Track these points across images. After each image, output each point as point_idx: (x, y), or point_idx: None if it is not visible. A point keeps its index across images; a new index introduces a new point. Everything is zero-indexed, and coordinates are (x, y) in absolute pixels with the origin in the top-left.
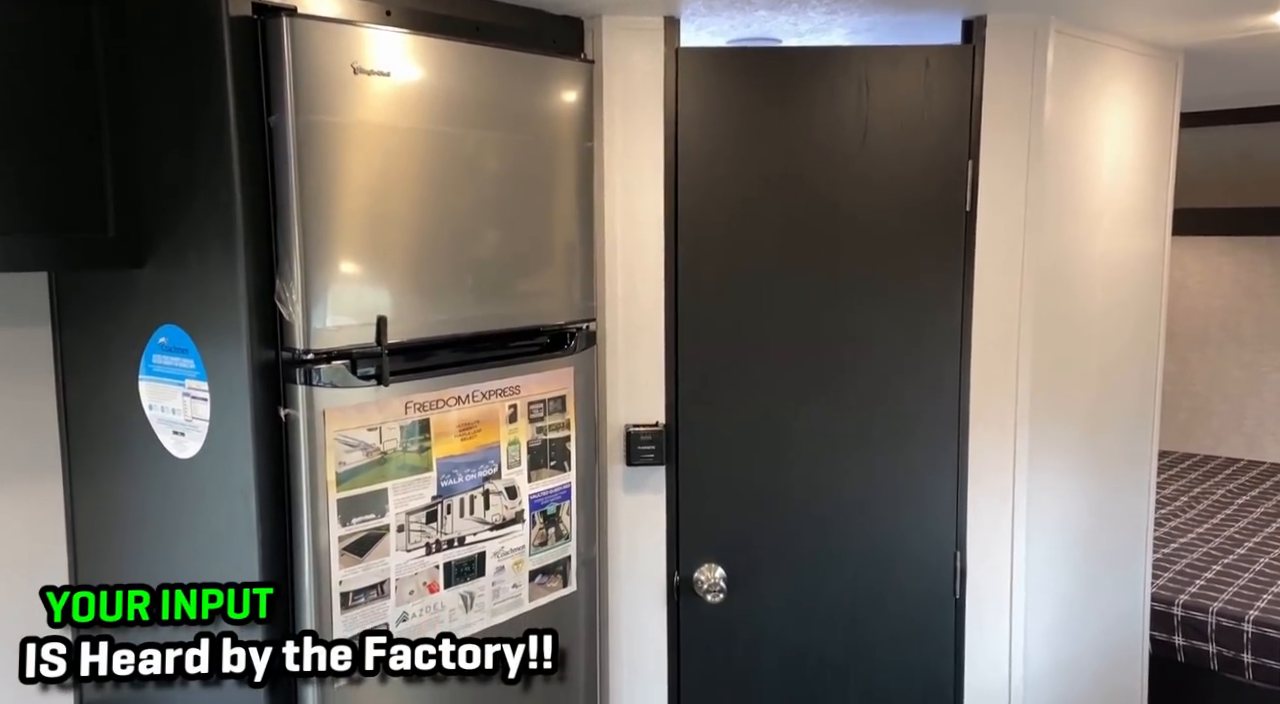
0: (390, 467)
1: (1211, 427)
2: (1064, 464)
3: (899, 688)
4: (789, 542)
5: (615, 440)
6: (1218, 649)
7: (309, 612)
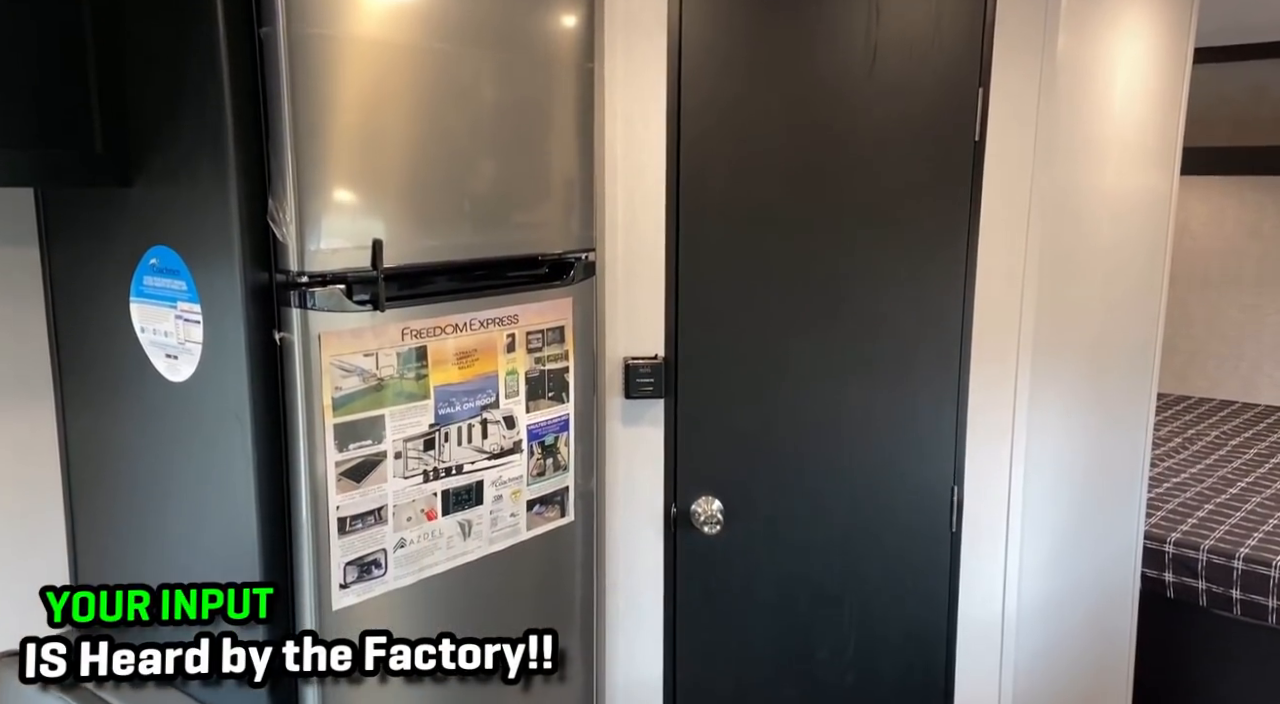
0: (387, 393)
1: (1208, 369)
2: (1064, 400)
3: (894, 619)
4: (787, 475)
5: (614, 372)
6: (1207, 586)
7: (306, 537)
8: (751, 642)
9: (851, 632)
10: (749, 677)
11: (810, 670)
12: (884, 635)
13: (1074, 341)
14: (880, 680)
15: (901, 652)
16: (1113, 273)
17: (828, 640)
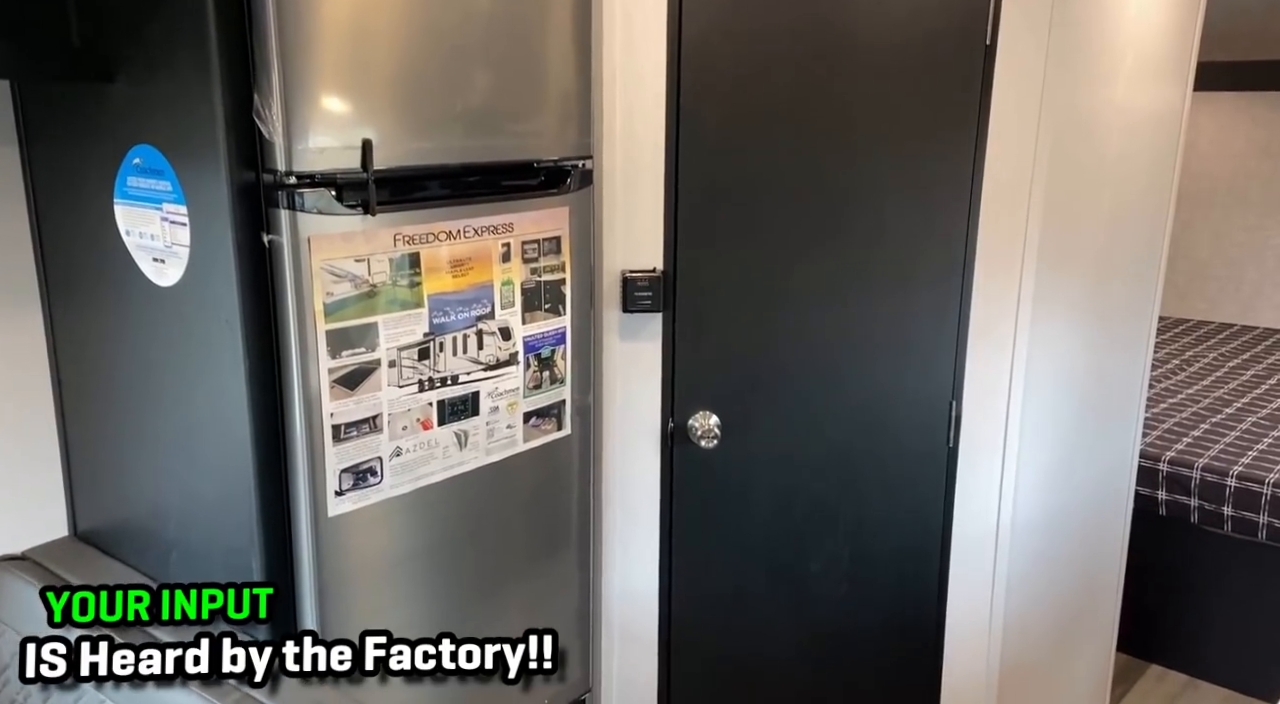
0: (380, 300)
1: (1208, 292)
2: (1066, 316)
3: (888, 532)
4: (785, 389)
5: (611, 285)
6: (1199, 503)
7: (300, 444)
8: (746, 554)
9: (846, 544)
10: (743, 588)
11: (804, 582)
12: (878, 548)
13: (1078, 257)
14: (873, 592)
15: (895, 564)
16: (1120, 188)
17: (822, 553)
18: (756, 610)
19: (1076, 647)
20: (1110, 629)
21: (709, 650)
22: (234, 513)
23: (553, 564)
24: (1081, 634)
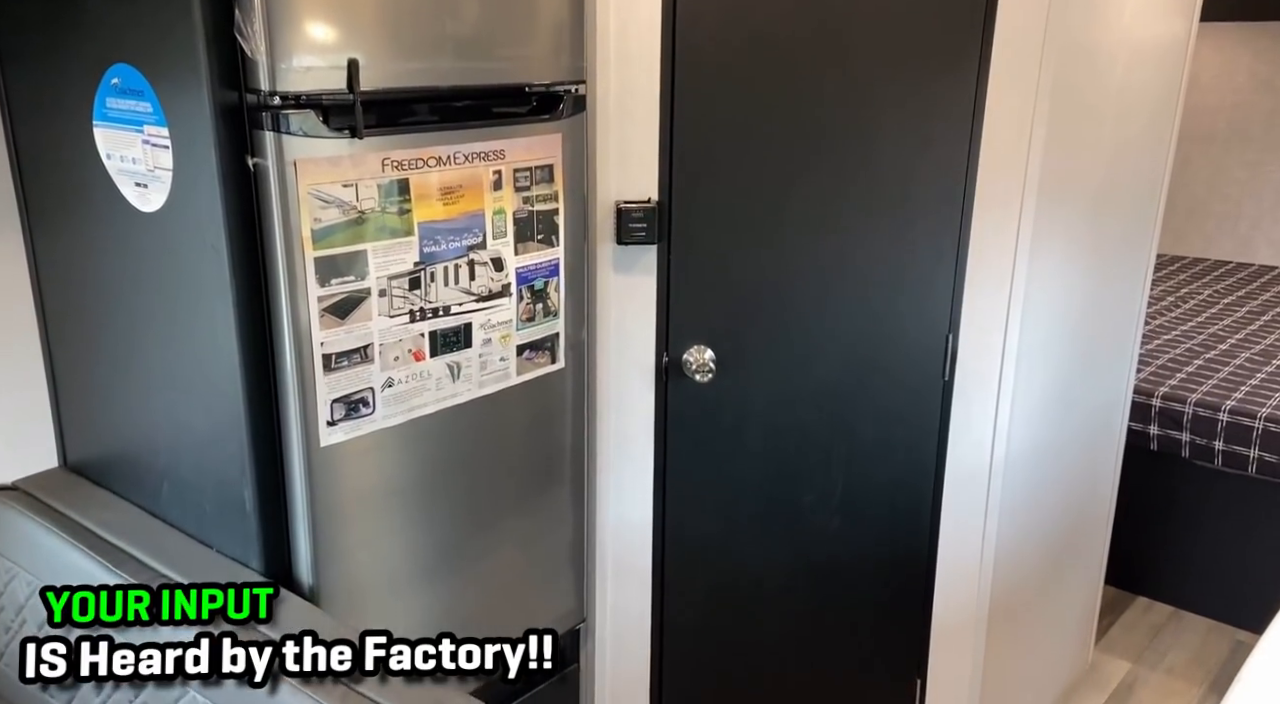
0: (369, 228)
1: (1206, 229)
2: (1065, 250)
3: (882, 466)
4: (781, 323)
5: (605, 217)
6: (1191, 438)
7: (290, 373)
8: (740, 487)
9: (839, 477)
10: (736, 520)
11: (797, 515)
12: (872, 481)
13: (1079, 189)
14: (866, 525)
15: (888, 497)
16: (1122, 121)
17: (815, 486)
18: (750, 543)
19: (1065, 579)
20: (1099, 562)
21: (702, 582)
22: (225, 444)
23: (547, 497)
24: (1071, 567)
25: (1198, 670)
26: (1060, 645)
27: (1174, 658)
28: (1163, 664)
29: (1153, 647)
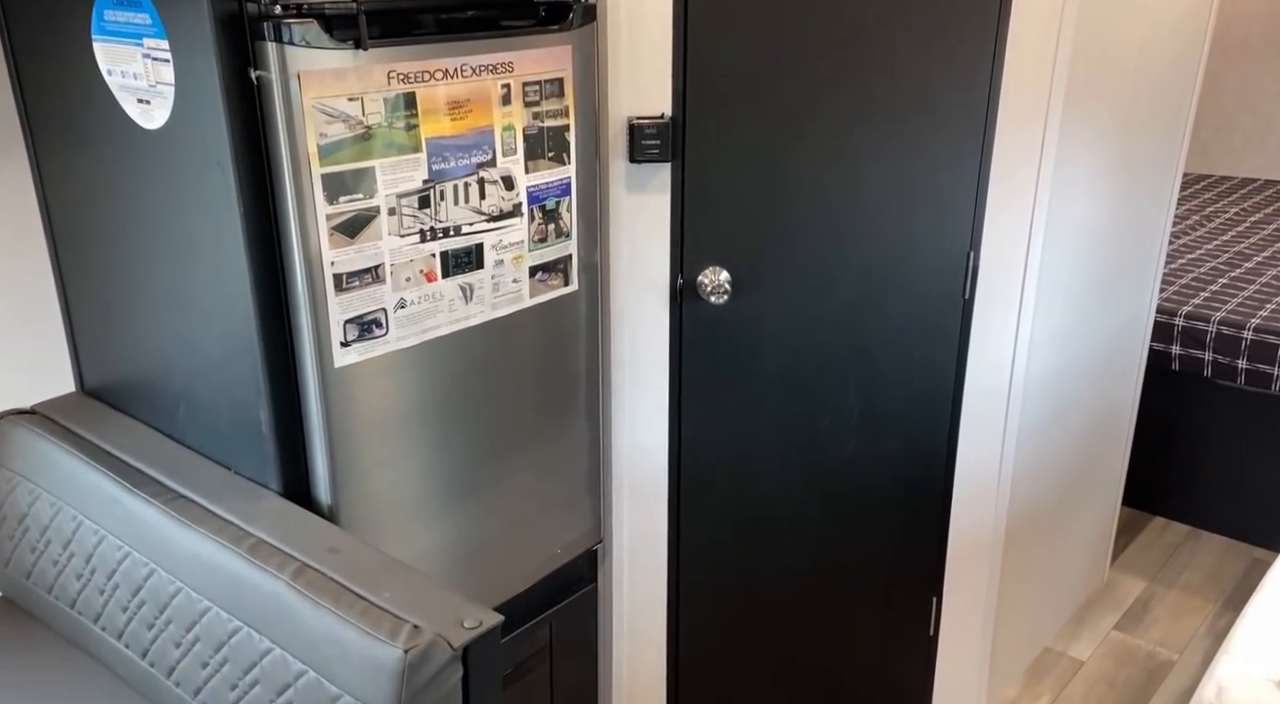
0: (376, 143)
1: (1233, 146)
2: (1090, 163)
3: (900, 387)
4: (798, 242)
5: (617, 134)
6: (1214, 357)
7: (302, 293)
8: (755, 409)
9: (857, 399)
10: (753, 442)
11: (814, 436)
12: (889, 403)
13: (1105, 101)
14: (883, 446)
15: (906, 419)
16: (1152, 29)
17: (832, 407)
18: (767, 465)
19: (1083, 499)
20: (1117, 481)
21: (718, 504)
22: (239, 365)
23: (562, 420)
24: (1088, 486)
25: (1213, 588)
26: (1076, 564)
27: (1190, 576)
28: (1179, 582)
29: (1169, 565)
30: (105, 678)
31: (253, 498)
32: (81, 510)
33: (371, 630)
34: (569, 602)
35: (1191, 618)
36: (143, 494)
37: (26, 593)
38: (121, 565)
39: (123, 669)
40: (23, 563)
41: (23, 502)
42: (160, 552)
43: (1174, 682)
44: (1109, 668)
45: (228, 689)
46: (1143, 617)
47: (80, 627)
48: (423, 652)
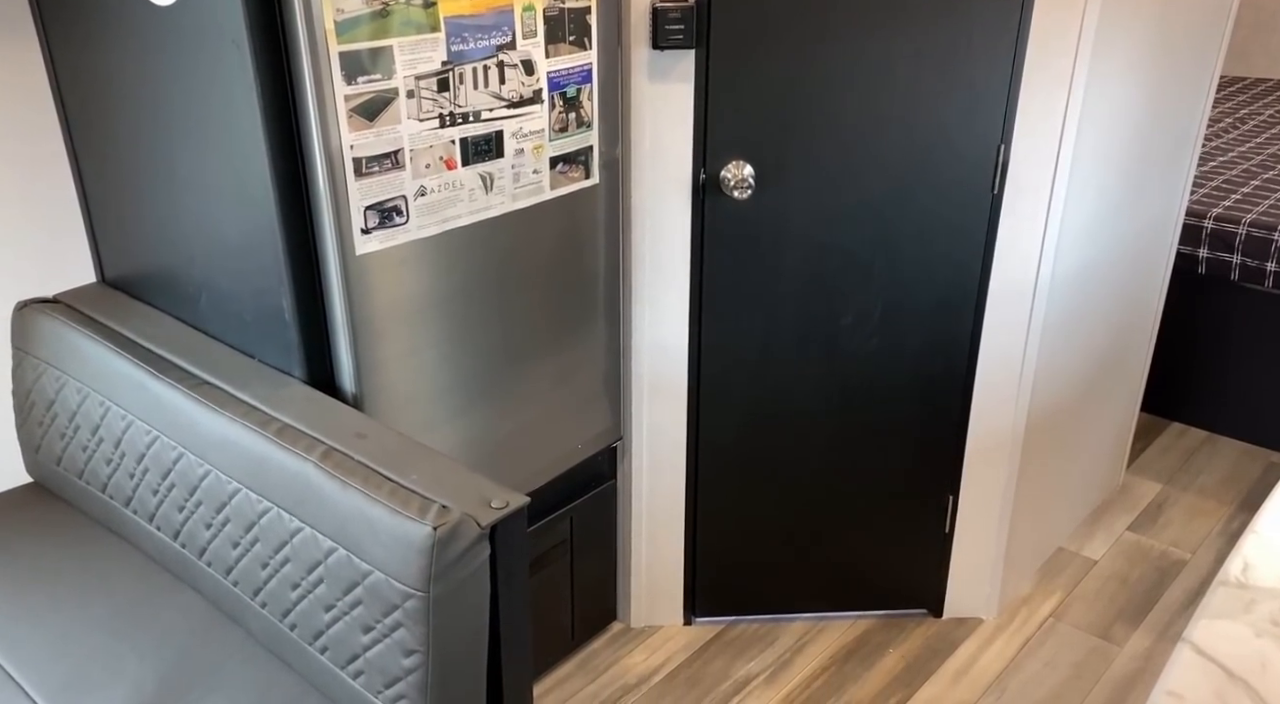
0: (394, 21)
1: (1270, 46)
2: (1127, 55)
3: (924, 285)
4: (824, 135)
5: (640, 18)
6: (1242, 259)
7: (322, 178)
8: (777, 306)
9: (879, 297)
10: (773, 340)
11: (835, 334)
12: (913, 301)
13: None
14: (904, 345)
15: (929, 317)
16: None
17: (854, 306)
18: (787, 363)
19: (1103, 401)
20: (1138, 384)
21: (738, 402)
22: (260, 253)
23: (581, 315)
24: (1109, 389)
25: (1229, 490)
26: (1093, 466)
27: (1205, 479)
28: (1194, 485)
29: (1185, 468)
30: (138, 558)
31: (278, 385)
32: (109, 396)
33: (400, 508)
34: (589, 496)
35: (1205, 519)
36: (169, 379)
37: (58, 478)
38: (150, 449)
39: (155, 550)
40: (53, 449)
41: (49, 388)
42: (188, 435)
43: (1186, 580)
44: (1121, 566)
45: (259, 567)
46: (1157, 518)
47: (112, 510)
48: (451, 529)
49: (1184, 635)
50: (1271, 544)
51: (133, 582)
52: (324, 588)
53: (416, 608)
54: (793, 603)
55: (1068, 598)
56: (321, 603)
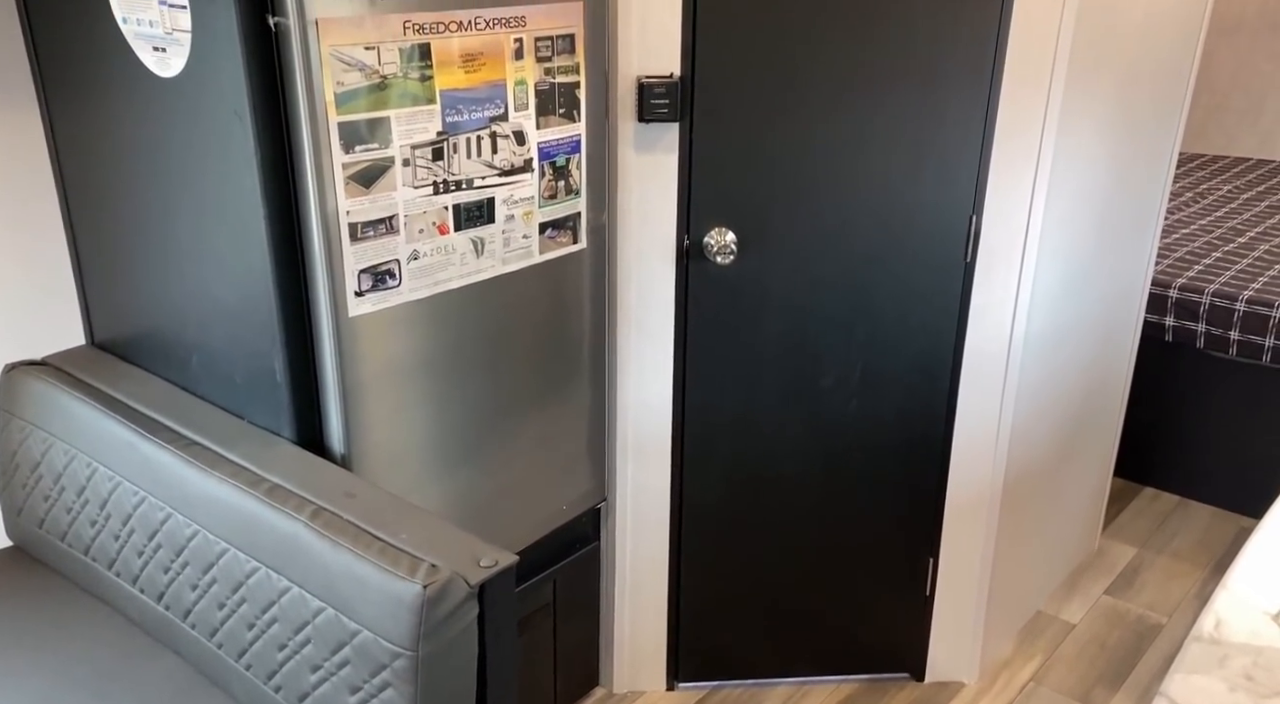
0: (391, 93)
1: (1226, 125)
2: (1092, 130)
3: (901, 348)
4: (803, 204)
5: (626, 92)
6: (1207, 328)
7: (318, 242)
8: (759, 368)
9: (858, 360)
10: (755, 401)
11: (816, 396)
12: (891, 363)
13: (1108, 70)
14: (884, 406)
15: (906, 379)
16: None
17: (834, 368)
18: (769, 424)
19: (1077, 464)
20: (1110, 448)
21: (721, 462)
22: (254, 314)
23: (568, 376)
24: (1082, 452)
25: (1202, 554)
26: (1069, 529)
27: (1179, 543)
28: (1168, 548)
29: (1159, 532)
30: (120, 622)
31: (267, 445)
32: (96, 457)
33: (390, 568)
34: (573, 559)
35: (1180, 583)
36: (157, 440)
37: (40, 541)
38: (138, 510)
39: (137, 613)
40: (35, 512)
41: (35, 450)
42: (177, 495)
43: (1164, 643)
44: (1100, 630)
45: (245, 628)
46: (1133, 581)
47: (94, 573)
48: (441, 588)
49: (1160, 690)
50: (1243, 600)
51: (114, 645)
52: (311, 648)
53: (405, 667)
54: (776, 667)
55: (1048, 661)
56: (308, 663)
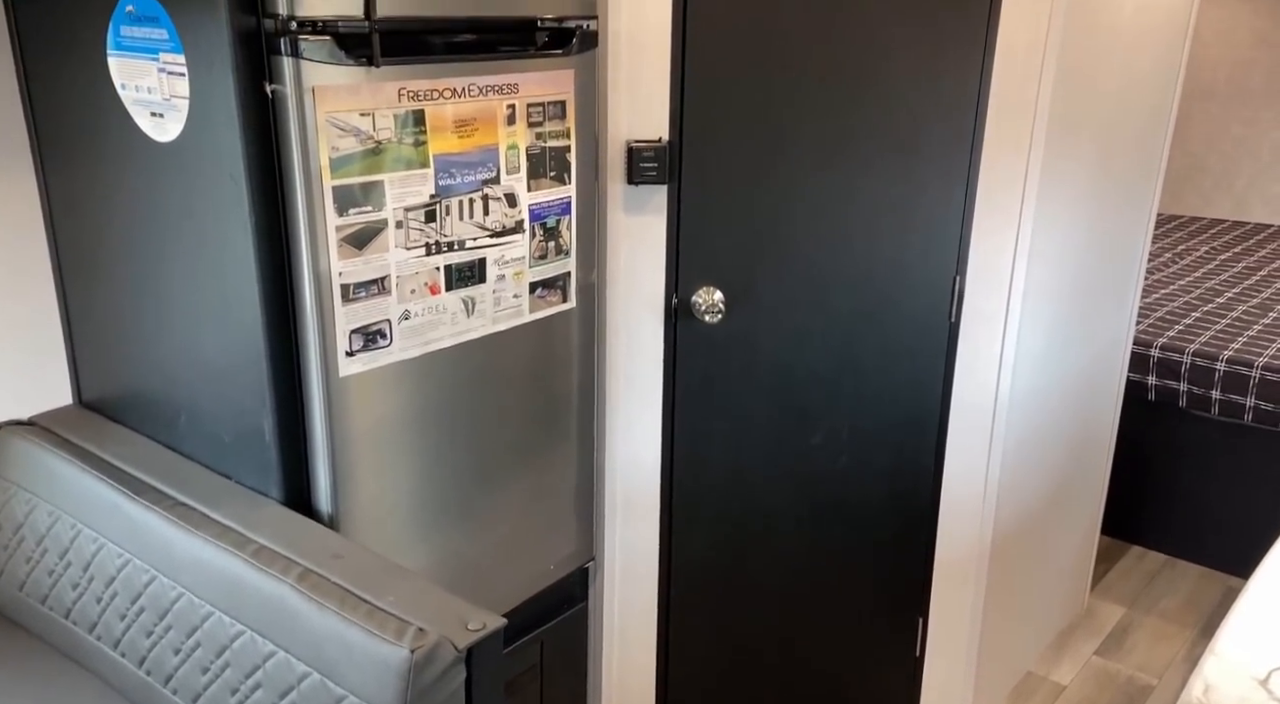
0: (386, 158)
1: (1202, 187)
2: (1071, 193)
3: (889, 405)
4: (790, 264)
5: (616, 157)
6: (1188, 387)
7: (310, 303)
8: (748, 425)
9: (846, 417)
10: (744, 459)
11: (805, 453)
12: (878, 421)
13: (1085, 133)
14: (872, 464)
15: (894, 437)
16: (1129, 69)
17: (823, 426)
18: (758, 481)
19: (1064, 523)
20: (1097, 507)
21: (710, 520)
22: (244, 373)
23: (557, 434)
24: (1069, 511)
25: (1191, 614)
26: (1057, 589)
27: (1167, 603)
28: (1156, 608)
29: (1147, 592)
30: (98, 686)
31: (254, 505)
32: (80, 518)
33: (377, 631)
34: (561, 620)
35: (1170, 644)
36: (143, 501)
37: (18, 605)
38: (121, 572)
39: (117, 679)
40: (16, 574)
41: (19, 511)
42: (161, 558)
43: None
44: (1090, 692)
45: (228, 694)
46: (1122, 642)
47: (74, 637)
48: (428, 652)
49: None
50: (1231, 665)
51: None
52: None
53: None
54: None
55: None
56: None
